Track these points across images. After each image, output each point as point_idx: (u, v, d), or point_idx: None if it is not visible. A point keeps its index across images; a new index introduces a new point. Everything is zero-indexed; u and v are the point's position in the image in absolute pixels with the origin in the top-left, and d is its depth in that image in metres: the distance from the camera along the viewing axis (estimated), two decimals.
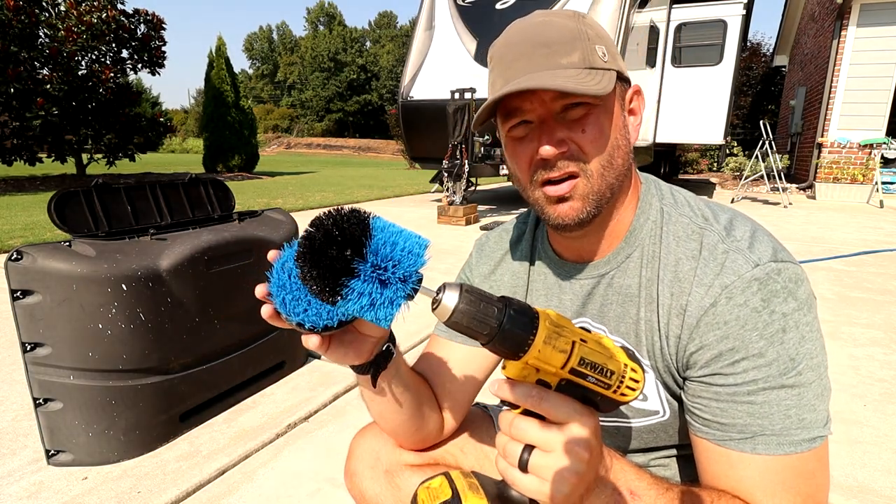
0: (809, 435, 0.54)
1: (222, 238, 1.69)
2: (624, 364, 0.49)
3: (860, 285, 3.39)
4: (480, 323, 0.43)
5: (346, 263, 0.43)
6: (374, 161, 29.05)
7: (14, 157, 10.61)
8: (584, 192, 0.61)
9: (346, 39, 56.78)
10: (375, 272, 0.43)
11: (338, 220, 0.44)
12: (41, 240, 4.55)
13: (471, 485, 0.54)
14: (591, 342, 0.47)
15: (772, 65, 17.52)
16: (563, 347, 0.45)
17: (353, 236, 0.43)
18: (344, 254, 0.43)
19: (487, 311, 0.43)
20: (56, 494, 1.36)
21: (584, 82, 0.56)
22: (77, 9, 10.51)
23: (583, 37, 0.59)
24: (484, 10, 7.24)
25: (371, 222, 0.45)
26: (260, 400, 1.87)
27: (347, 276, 0.43)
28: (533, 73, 0.58)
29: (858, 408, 1.83)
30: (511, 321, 0.43)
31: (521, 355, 0.44)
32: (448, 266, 3.94)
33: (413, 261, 0.44)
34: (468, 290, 0.43)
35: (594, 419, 0.48)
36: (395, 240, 0.45)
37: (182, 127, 48.22)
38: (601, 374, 0.47)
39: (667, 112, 8.39)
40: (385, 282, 0.44)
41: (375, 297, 0.43)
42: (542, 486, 0.45)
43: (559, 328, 0.45)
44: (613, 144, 0.61)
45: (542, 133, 0.60)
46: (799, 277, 0.57)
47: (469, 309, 0.43)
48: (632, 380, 0.49)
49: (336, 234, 0.43)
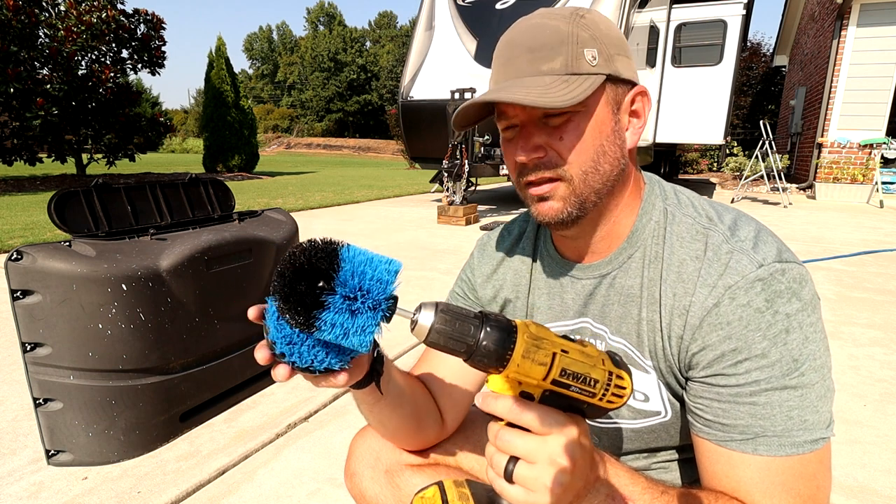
0: (811, 436, 0.54)
1: (222, 238, 1.68)
2: (609, 372, 0.48)
3: (860, 285, 3.39)
4: (457, 342, 0.44)
5: (315, 297, 0.44)
6: (374, 161, 29.06)
7: (14, 157, 10.62)
8: (565, 195, 0.62)
9: (346, 39, 56.77)
10: (345, 303, 0.45)
11: (308, 253, 0.46)
12: (41, 240, 4.55)
13: (461, 495, 0.54)
14: (574, 352, 0.47)
15: (772, 65, 17.54)
16: (542, 360, 0.45)
17: (320, 269, 0.45)
18: (313, 288, 0.44)
19: (464, 329, 0.44)
20: (56, 494, 1.35)
21: (549, 94, 0.56)
22: (77, 9, 10.51)
23: (571, 40, 0.59)
24: (484, 10, 7.24)
25: (340, 252, 0.46)
26: (260, 400, 1.87)
27: (318, 308, 0.44)
28: (515, 79, 0.60)
29: (858, 408, 1.83)
30: (487, 337, 0.44)
31: (501, 369, 0.45)
32: (448, 266, 3.94)
33: (382, 288, 0.46)
34: (443, 310, 0.44)
35: (578, 428, 0.47)
36: (363, 269, 0.46)
37: (182, 127, 48.28)
38: (584, 383, 0.47)
39: (667, 112, 8.39)
40: (355, 311, 0.45)
41: (348, 327, 0.45)
42: (528, 496, 0.46)
43: (538, 340, 0.45)
44: (598, 150, 0.61)
45: (521, 138, 0.62)
46: (803, 278, 0.57)
47: (444, 329, 0.44)
48: (617, 387, 0.49)
49: (306, 268, 0.45)
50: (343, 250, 0.46)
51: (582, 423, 0.49)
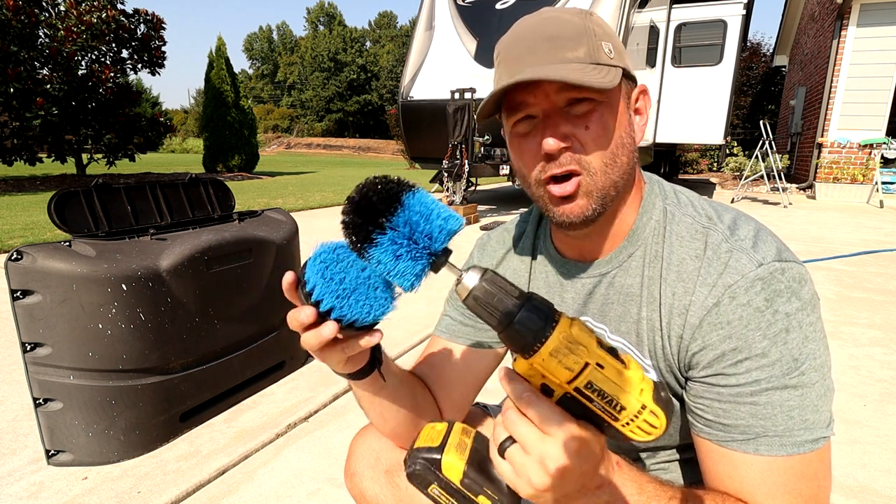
0: (812, 436, 0.54)
1: (222, 238, 1.68)
2: (642, 405, 0.44)
3: (860, 285, 3.39)
4: (491, 312, 0.44)
5: (368, 232, 0.47)
6: (374, 161, 29.05)
7: (14, 157, 10.61)
8: (588, 190, 0.61)
9: (346, 39, 56.75)
10: (392, 245, 0.47)
11: (373, 189, 0.48)
12: (41, 240, 4.55)
13: (460, 443, 0.53)
14: (610, 369, 0.44)
15: (772, 65, 17.53)
16: (570, 365, 0.43)
17: (377, 209, 0.47)
18: (368, 223, 0.47)
19: (503, 302, 0.44)
20: (56, 494, 1.35)
21: (588, 75, 0.56)
22: (77, 9, 10.50)
23: (589, 33, 0.59)
24: (484, 10, 7.24)
25: (403, 198, 0.48)
26: (260, 400, 1.87)
27: (370, 243, 0.47)
28: (537, 66, 0.58)
29: (858, 408, 1.83)
30: (521, 321, 0.43)
31: (527, 357, 0.44)
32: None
33: (430, 243, 0.48)
34: (489, 278, 0.45)
35: (586, 438, 0.45)
36: (418, 219, 0.48)
37: (182, 127, 48.26)
38: (609, 404, 0.44)
39: (667, 112, 8.38)
40: (399, 256, 0.47)
41: (390, 267, 0.47)
42: (513, 477, 0.46)
43: (573, 345, 0.43)
44: (618, 142, 0.61)
45: (546, 127, 0.59)
46: (803, 277, 0.57)
47: (484, 295, 0.44)
48: (647, 423, 0.45)
49: (365, 203, 0.47)
50: (406, 196, 0.48)
51: (591, 439, 0.46)
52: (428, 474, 0.52)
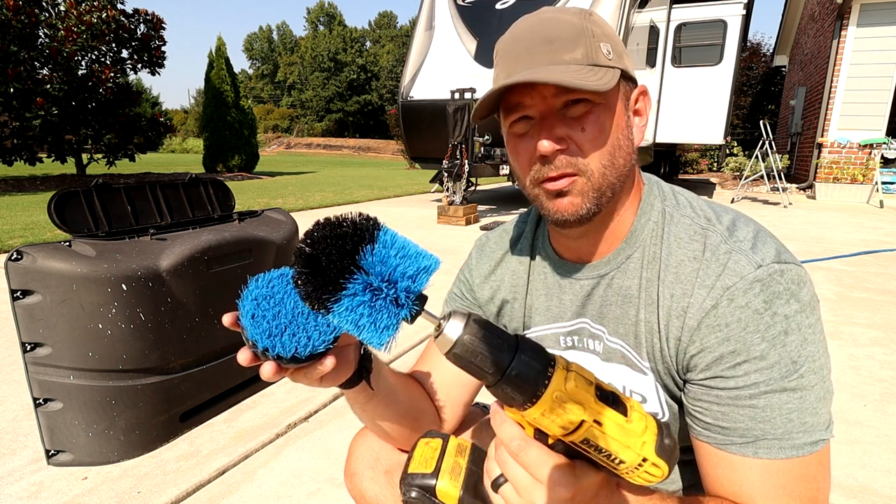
0: (811, 438, 0.53)
1: (222, 238, 1.68)
2: (643, 459, 0.42)
3: (860, 285, 3.39)
4: (479, 368, 0.40)
5: (335, 277, 0.41)
6: (374, 161, 29.04)
7: (14, 157, 10.62)
8: (584, 189, 0.60)
9: (346, 39, 56.74)
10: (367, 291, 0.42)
11: (339, 228, 0.43)
12: (41, 240, 4.55)
13: (454, 466, 0.53)
14: (610, 425, 0.41)
15: (772, 65, 17.53)
16: (564, 424, 0.40)
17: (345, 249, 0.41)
18: (335, 266, 0.41)
19: (492, 355, 0.40)
20: (56, 494, 1.36)
21: (584, 77, 0.56)
22: (77, 9, 10.51)
23: (587, 34, 0.59)
24: (484, 10, 7.24)
25: (377, 235, 0.43)
26: (260, 400, 1.87)
27: (336, 290, 0.41)
28: (535, 67, 0.58)
29: (858, 408, 1.83)
30: (508, 381, 0.39)
31: (521, 412, 0.41)
32: (448, 266, 3.93)
33: (410, 284, 0.42)
34: (473, 327, 0.40)
35: (578, 489, 0.44)
36: (393, 259, 0.42)
37: (182, 127, 48.26)
38: (608, 458, 0.42)
39: (667, 112, 8.39)
40: (375, 302, 0.42)
41: (364, 317, 0.42)
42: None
43: (569, 403, 0.40)
44: (615, 144, 0.61)
45: (542, 128, 0.59)
46: (802, 279, 0.56)
47: (470, 347, 0.40)
48: (648, 473, 0.43)
49: (331, 243, 0.42)
50: (380, 233, 0.42)
51: (588, 476, 0.45)
52: (424, 501, 0.51)
